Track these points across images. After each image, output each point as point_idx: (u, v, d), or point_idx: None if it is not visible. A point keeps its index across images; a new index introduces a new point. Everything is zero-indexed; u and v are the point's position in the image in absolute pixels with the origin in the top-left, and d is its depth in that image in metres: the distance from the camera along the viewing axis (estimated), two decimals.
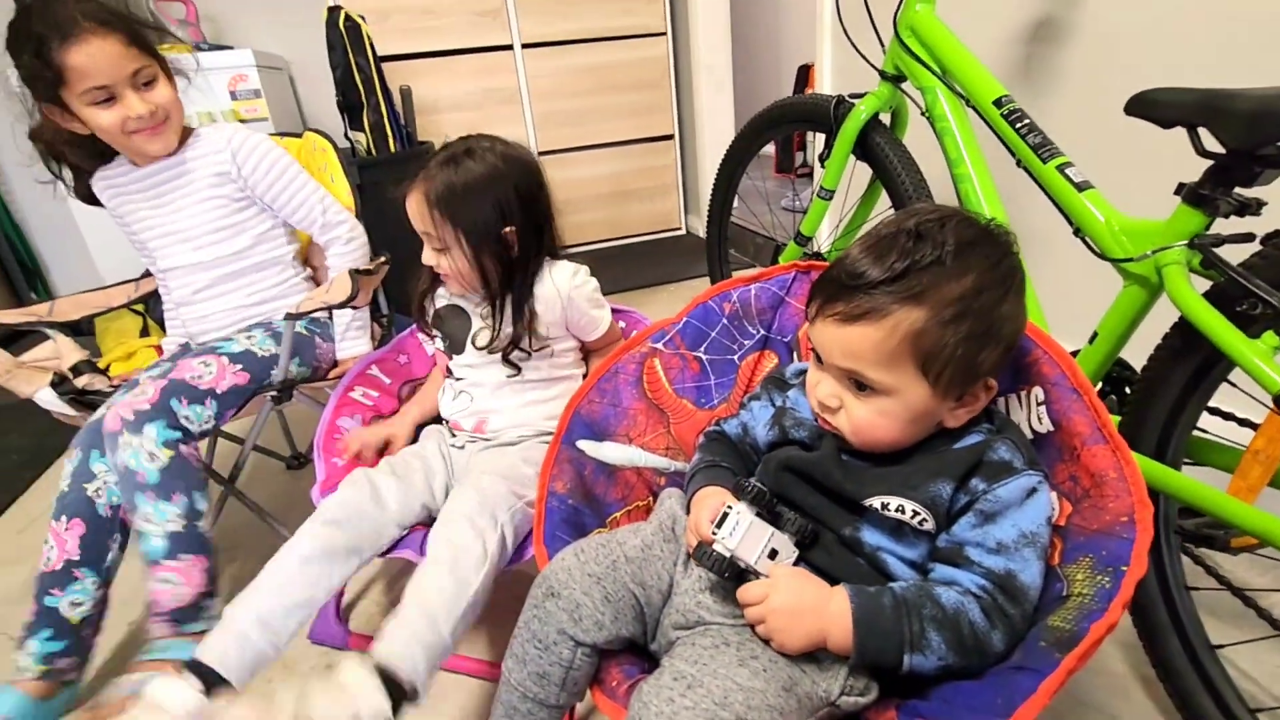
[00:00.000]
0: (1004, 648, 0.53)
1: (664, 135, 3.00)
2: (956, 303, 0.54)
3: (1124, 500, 0.55)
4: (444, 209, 0.87)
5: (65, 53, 0.91)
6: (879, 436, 0.58)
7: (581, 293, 0.98)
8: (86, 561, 0.91)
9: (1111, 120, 0.93)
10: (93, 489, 0.93)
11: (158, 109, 1.01)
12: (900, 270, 0.54)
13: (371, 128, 2.11)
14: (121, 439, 0.88)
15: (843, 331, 0.56)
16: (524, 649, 0.62)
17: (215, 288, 1.14)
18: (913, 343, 0.54)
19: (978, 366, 0.56)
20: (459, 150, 0.90)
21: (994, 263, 0.56)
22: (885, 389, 0.56)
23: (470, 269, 0.91)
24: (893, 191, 1.15)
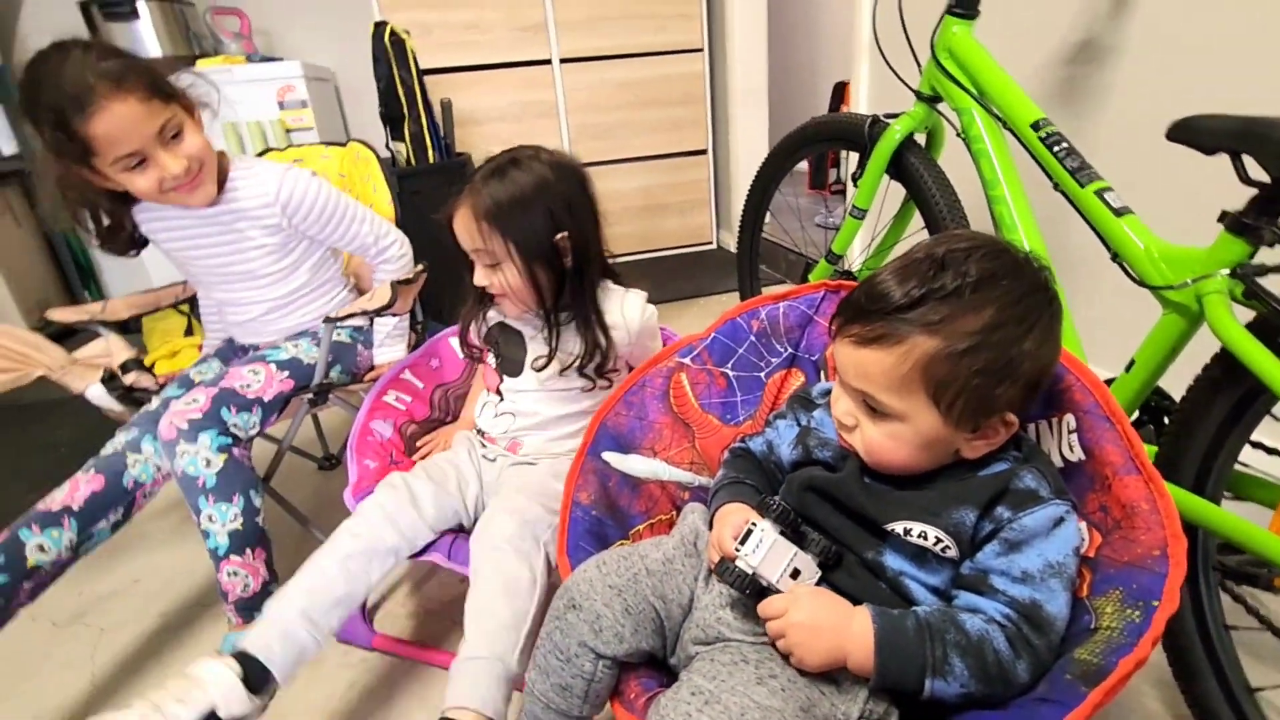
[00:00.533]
0: (1029, 679, 0.52)
1: (698, 150, 3.02)
2: (972, 335, 0.53)
3: (1156, 533, 0.54)
4: (493, 222, 0.85)
5: (87, 124, 0.87)
6: (889, 459, 0.58)
7: (649, 325, 0.98)
8: (80, 516, 0.92)
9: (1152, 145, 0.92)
10: (133, 459, 0.97)
11: (191, 162, 0.97)
12: (917, 297, 0.54)
13: (412, 138, 2.17)
14: (179, 448, 0.92)
15: (857, 354, 0.57)
16: (546, 660, 0.62)
17: (270, 315, 1.15)
18: (923, 371, 0.54)
19: (993, 401, 0.55)
20: (504, 162, 0.88)
21: (1016, 298, 0.55)
22: (895, 414, 0.56)
23: (524, 282, 0.88)
24: (926, 212, 1.14)
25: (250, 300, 1.14)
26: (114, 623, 1.15)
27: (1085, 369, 0.64)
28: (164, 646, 1.10)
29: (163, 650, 1.09)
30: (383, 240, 1.18)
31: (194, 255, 1.11)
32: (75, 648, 1.10)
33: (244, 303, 1.14)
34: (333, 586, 0.79)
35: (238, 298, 1.14)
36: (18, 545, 0.87)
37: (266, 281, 1.12)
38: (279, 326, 1.16)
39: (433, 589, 1.18)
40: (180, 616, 1.16)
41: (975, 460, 0.58)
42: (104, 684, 1.03)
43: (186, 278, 1.22)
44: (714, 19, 2.83)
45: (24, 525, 0.89)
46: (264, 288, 1.13)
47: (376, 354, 1.23)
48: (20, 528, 0.89)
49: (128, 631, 1.13)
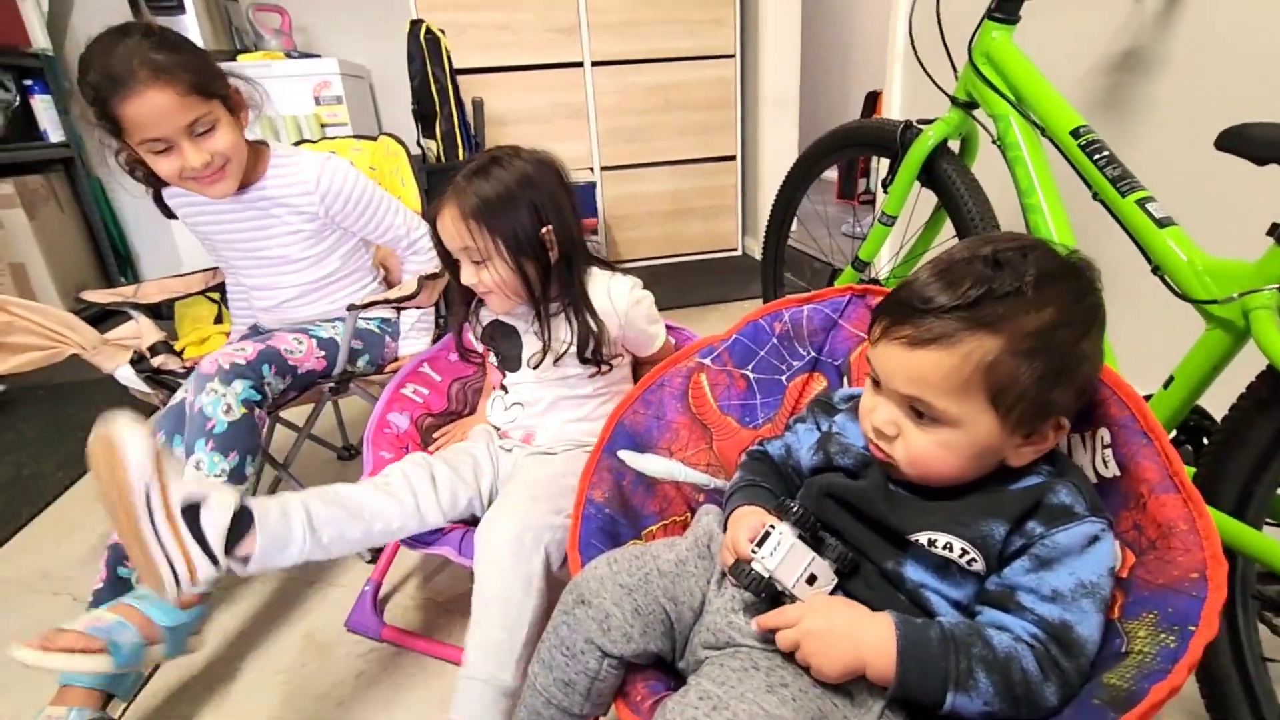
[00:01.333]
0: (1056, 703, 0.49)
1: (726, 156, 3.01)
2: (1034, 336, 0.51)
3: (1195, 555, 0.51)
4: (480, 219, 0.87)
5: (120, 105, 0.91)
6: (937, 469, 0.55)
7: (639, 309, 0.98)
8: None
9: (1200, 155, 0.88)
10: None
11: (214, 158, 0.99)
12: (975, 297, 0.52)
13: (443, 136, 2.19)
14: (211, 384, 0.92)
15: (910, 356, 0.54)
16: (551, 655, 0.61)
17: (298, 300, 1.17)
18: (986, 373, 0.51)
19: (1051, 404, 0.53)
20: (485, 161, 0.90)
21: (1077, 297, 0.53)
22: (950, 420, 0.53)
23: (513, 276, 0.89)
24: (957, 220, 1.12)
25: (279, 285, 1.16)
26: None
27: (1122, 382, 0.61)
28: None
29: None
30: (415, 233, 1.20)
31: (223, 238, 1.13)
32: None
33: (272, 287, 1.16)
34: (342, 503, 0.81)
35: (267, 282, 1.16)
36: (125, 584, 0.92)
37: (298, 267, 1.14)
38: (306, 313, 1.17)
39: (443, 582, 1.18)
40: None
41: (1010, 473, 0.56)
42: None
43: (215, 260, 1.24)
44: (747, 25, 2.82)
45: (116, 563, 0.93)
46: (294, 273, 1.15)
47: (402, 346, 1.24)
48: (116, 567, 0.93)
49: None
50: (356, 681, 0.99)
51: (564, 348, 0.94)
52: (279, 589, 1.17)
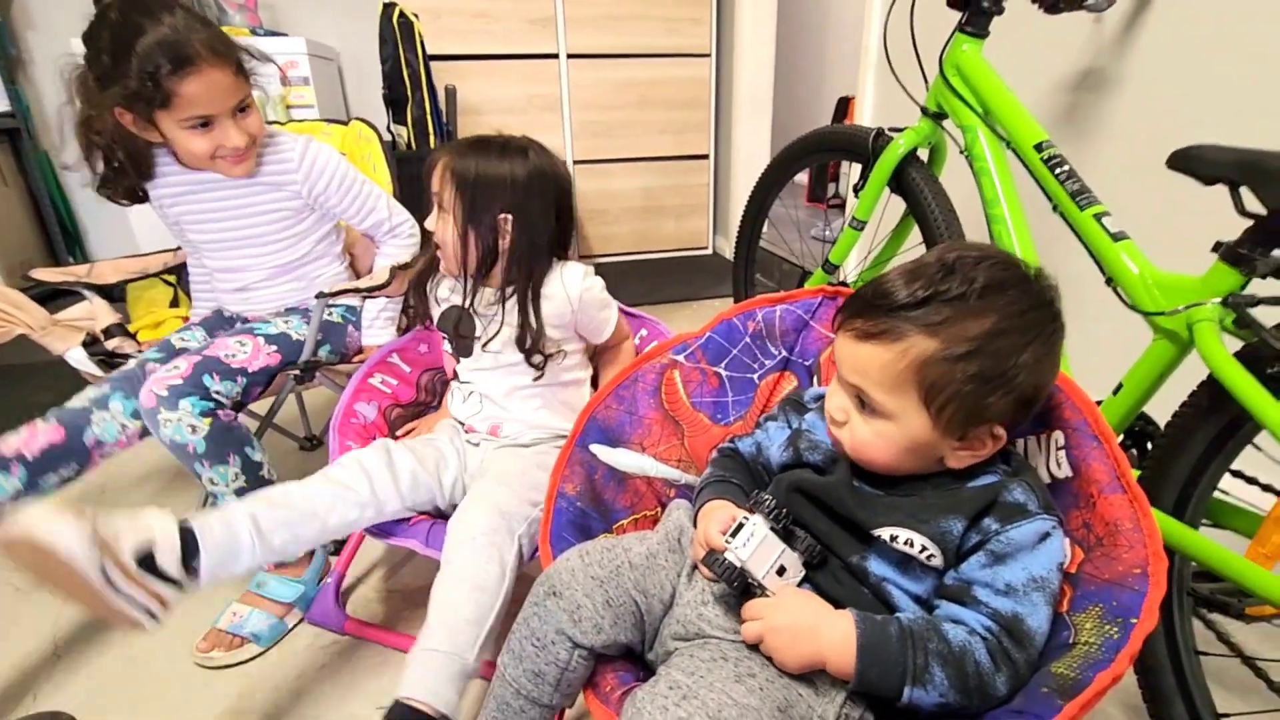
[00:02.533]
0: (1007, 691, 0.52)
1: (699, 155, 3.03)
2: (971, 341, 0.53)
3: (1138, 551, 0.55)
4: (456, 165, 0.89)
5: (180, 81, 0.91)
6: (874, 457, 0.59)
7: (591, 295, 0.98)
8: (32, 465, 0.88)
9: (1152, 173, 0.93)
10: (98, 416, 0.95)
11: (251, 138, 1.01)
12: (922, 298, 0.54)
13: (414, 123, 2.16)
14: (160, 416, 0.90)
15: (856, 348, 0.58)
16: (521, 645, 0.62)
17: (266, 282, 1.15)
18: (918, 371, 0.54)
19: (984, 410, 0.55)
20: (498, 140, 0.93)
21: (1020, 310, 0.55)
22: (886, 412, 0.57)
23: (455, 240, 0.90)
24: (925, 227, 1.15)
25: (247, 266, 1.13)
26: None
27: (1076, 388, 0.64)
28: None
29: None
30: (396, 217, 1.20)
31: (200, 220, 1.10)
32: (36, 613, 1.08)
33: (241, 269, 1.14)
34: (291, 504, 0.79)
35: (234, 264, 1.14)
36: None
37: (273, 248, 1.13)
38: (271, 293, 1.16)
39: (407, 575, 1.17)
40: None
41: (965, 471, 0.58)
42: (67, 651, 1.01)
43: (180, 242, 1.21)
44: (723, 25, 2.84)
45: None
46: (265, 255, 1.13)
47: (365, 336, 1.22)
48: None
49: None
50: (318, 674, 0.97)
51: (504, 331, 0.94)
52: (237, 582, 1.14)
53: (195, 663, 0.98)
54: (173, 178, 1.07)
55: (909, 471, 0.59)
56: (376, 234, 1.20)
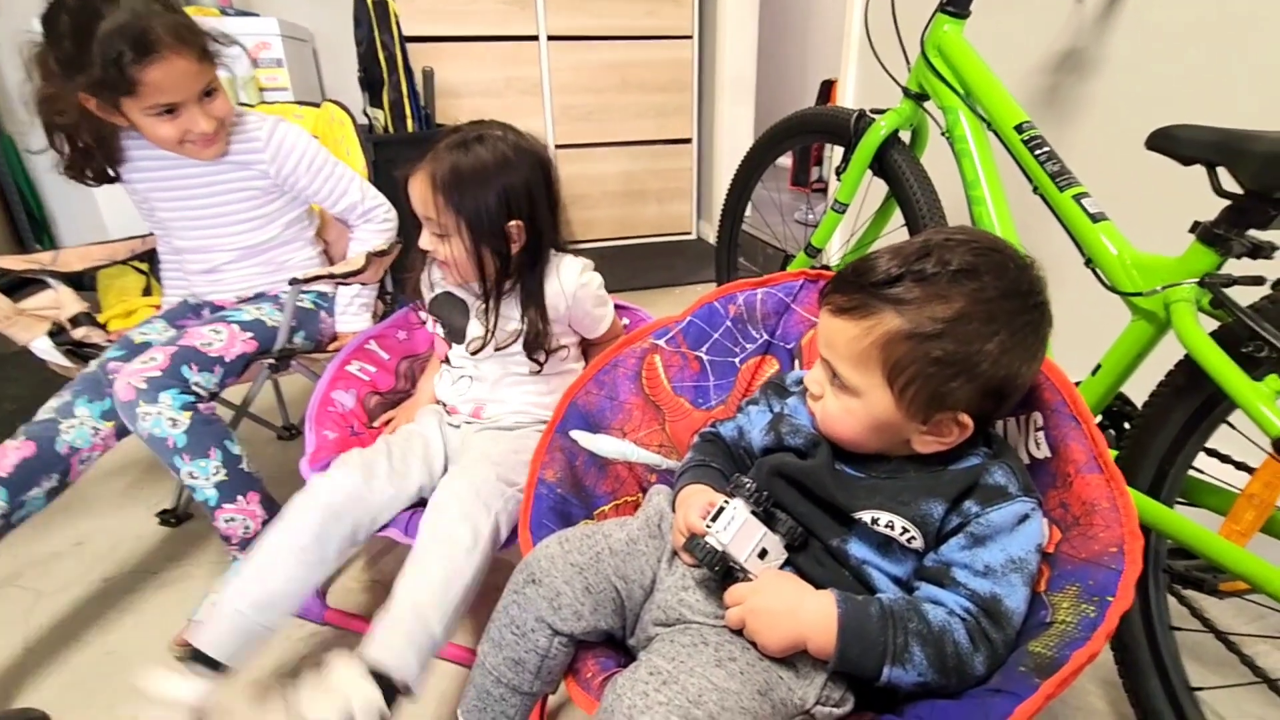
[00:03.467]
0: (984, 670, 0.52)
1: (682, 139, 3.00)
2: (937, 322, 0.53)
3: (1114, 530, 0.55)
4: (448, 194, 0.84)
5: (144, 69, 0.89)
6: (839, 432, 0.60)
7: (587, 291, 0.97)
8: (10, 482, 0.86)
9: (1131, 154, 0.92)
10: (66, 424, 0.92)
11: (219, 123, 1.00)
12: (894, 275, 0.55)
13: (391, 106, 2.11)
14: (139, 409, 0.88)
15: (830, 322, 0.59)
16: (501, 634, 0.61)
17: (234, 264, 1.13)
18: (882, 348, 0.55)
19: (946, 395, 0.54)
20: (471, 135, 0.87)
21: (992, 297, 0.54)
22: (853, 388, 0.57)
23: (468, 260, 0.87)
24: (907, 209, 1.15)
25: (217, 247, 1.11)
26: (54, 586, 1.11)
27: (1055, 368, 0.64)
28: (107, 611, 1.06)
29: (105, 616, 1.06)
30: (370, 200, 1.17)
31: (169, 196, 1.08)
32: (7, 610, 1.06)
33: (210, 250, 1.12)
34: (286, 575, 0.75)
35: (204, 244, 1.11)
36: None
37: (242, 228, 1.11)
38: (240, 275, 1.14)
39: (388, 564, 1.16)
40: (125, 582, 1.12)
41: (946, 454, 0.58)
42: (38, 647, 1.00)
43: (149, 222, 1.17)
44: (705, 6, 2.81)
45: None
46: (235, 234, 1.11)
47: (339, 323, 1.20)
48: None
49: (68, 595, 1.09)
50: (299, 665, 0.96)
51: (509, 339, 0.93)
52: (213, 573, 1.13)
53: (175, 657, 0.97)
54: (140, 154, 1.05)
55: (877, 450, 0.60)
56: (350, 217, 1.18)
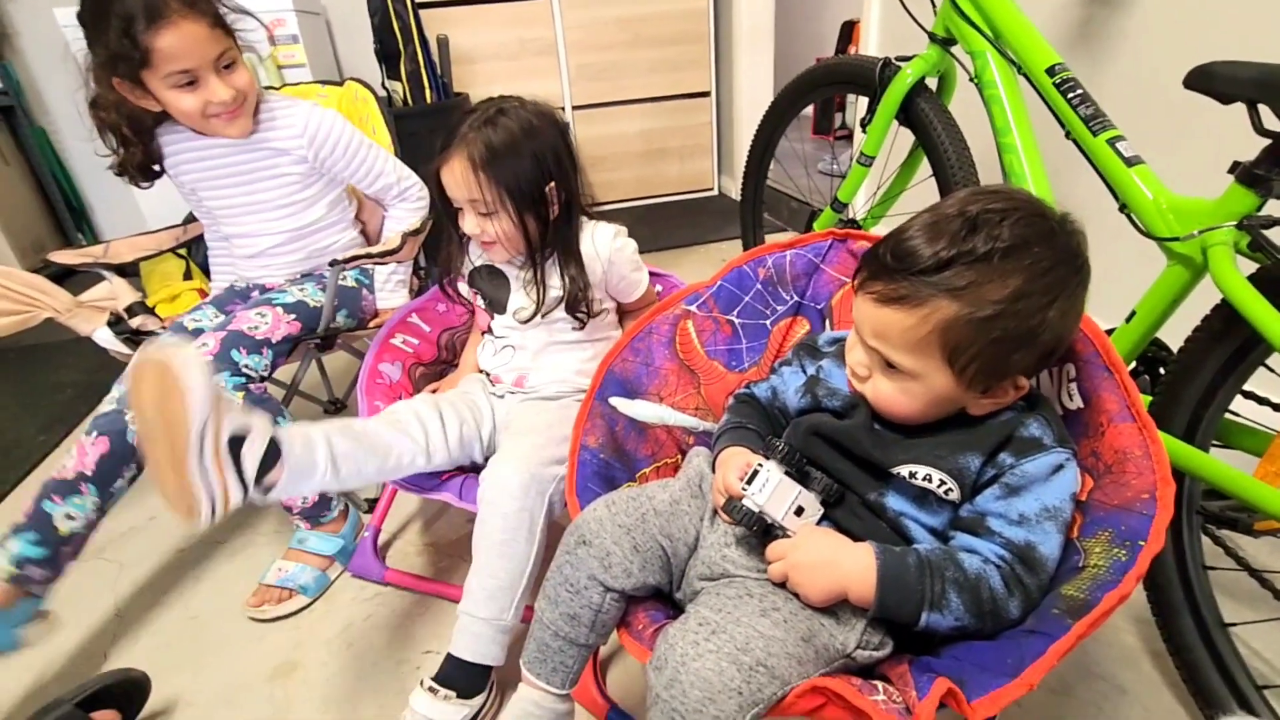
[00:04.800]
0: (1019, 614, 0.55)
1: (701, 92, 2.94)
2: (995, 303, 0.53)
3: (1147, 478, 0.56)
4: (489, 170, 0.87)
5: (154, 35, 0.91)
6: (897, 411, 0.60)
7: (622, 255, 0.99)
8: (97, 480, 0.92)
9: (1168, 93, 0.90)
10: (130, 417, 0.97)
11: (238, 93, 1.02)
12: (945, 260, 0.53)
13: (408, 77, 2.11)
14: None
15: (877, 312, 0.57)
16: (556, 592, 0.65)
17: (282, 247, 1.17)
18: (941, 334, 0.54)
19: (1008, 366, 0.56)
20: (491, 111, 0.89)
21: (1046, 268, 0.54)
22: (909, 372, 0.57)
23: (515, 230, 0.90)
24: (935, 160, 1.13)
25: (264, 231, 1.15)
26: (134, 558, 1.19)
27: (1088, 320, 0.64)
28: (184, 579, 1.14)
29: (183, 582, 1.14)
30: (405, 181, 1.19)
31: (214, 185, 1.12)
32: (96, 582, 1.14)
33: (257, 234, 1.16)
34: (360, 437, 0.80)
35: (251, 230, 1.16)
36: (46, 519, 0.90)
37: (285, 212, 1.15)
38: (288, 259, 1.18)
39: (441, 528, 1.22)
40: (197, 551, 1.20)
41: None
42: (128, 614, 1.08)
43: (197, 212, 1.23)
44: None
45: (45, 498, 0.90)
46: (280, 219, 1.15)
47: (379, 300, 1.24)
48: (43, 501, 0.90)
49: (147, 565, 1.17)
50: (364, 624, 1.03)
51: (554, 305, 0.96)
52: (276, 541, 1.20)
53: (249, 617, 1.04)
54: (182, 144, 1.09)
55: (932, 420, 0.60)
56: (385, 198, 1.20)
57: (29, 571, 0.87)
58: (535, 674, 0.68)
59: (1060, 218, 0.57)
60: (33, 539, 0.88)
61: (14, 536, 0.88)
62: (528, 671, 0.68)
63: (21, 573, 0.87)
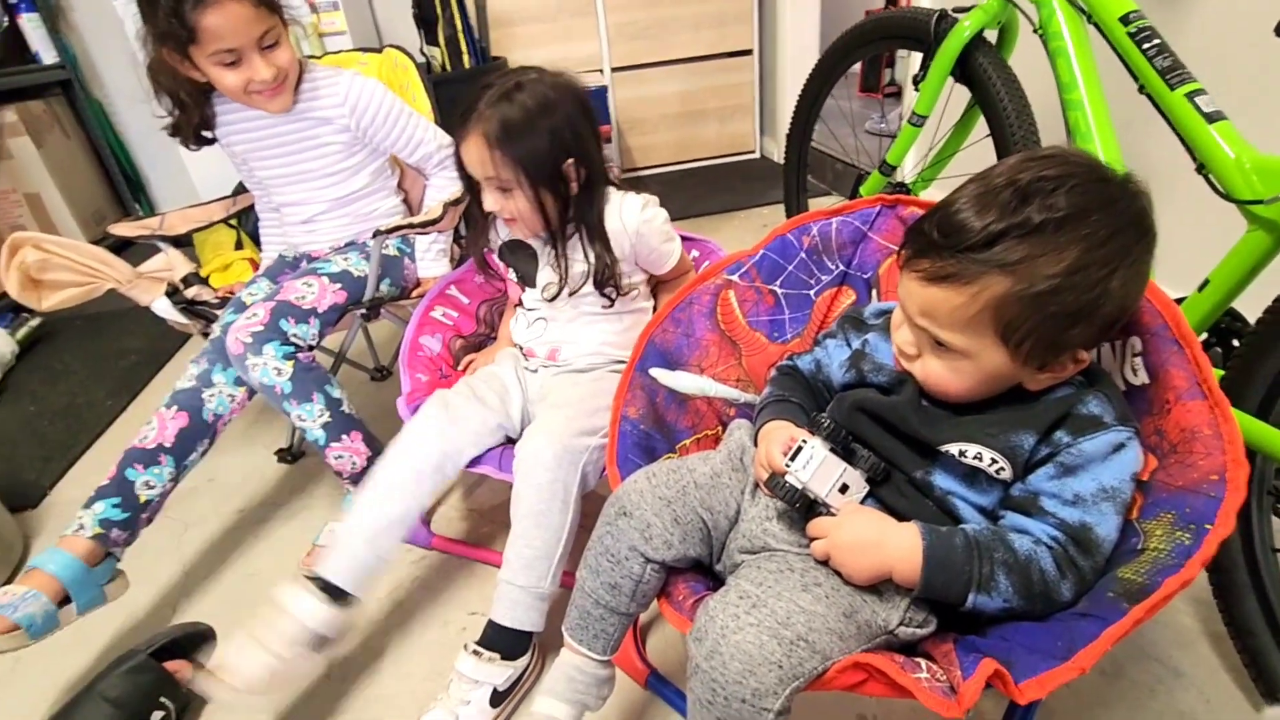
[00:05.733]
0: (1071, 596, 0.53)
1: (743, 50, 2.84)
2: (1051, 278, 0.50)
3: (1216, 458, 0.53)
4: (503, 148, 0.85)
5: (200, 14, 0.93)
6: (949, 390, 0.58)
7: (651, 226, 0.97)
8: (175, 452, 0.99)
9: (1257, 42, 0.83)
10: (208, 394, 1.03)
11: (279, 71, 1.03)
12: (996, 234, 0.50)
13: (446, 42, 2.10)
14: (248, 360, 0.97)
15: (924, 290, 0.55)
16: (598, 561, 0.66)
17: (328, 215, 1.20)
18: (994, 312, 0.52)
19: (1065, 340, 0.53)
20: (509, 85, 0.87)
21: (1105, 236, 0.50)
22: (960, 350, 0.55)
23: (532, 209, 0.89)
24: (992, 119, 1.07)
25: (310, 200, 1.19)
26: (196, 518, 1.25)
27: (1156, 290, 0.61)
28: (244, 539, 1.20)
29: (243, 542, 1.19)
30: (445, 149, 1.20)
31: (262, 155, 1.15)
32: (163, 540, 1.20)
33: (305, 202, 1.19)
34: (387, 510, 0.86)
35: (300, 199, 1.19)
36: (128, 485, 0.96)
37: (331, 181, 1.17)
38: (334, 225, 1.21)
39: (483, 495, 1.25)
40: (256, 514, 1.25)
41: None
42: (194, 571, 1.14)
43: (247, 182, 1.26)
44: None
45: (128, 465, 0.96)
46: (326, 188, 1.18)
47: (420, 269, 1.25)
48: (126, 468, 0.96)
49: (209, 526, 1.23)
50: (412, 585, 1.07)
51: (580, 281, 0.95)
52: (330, 504, 1.24)
53: (303, 575, 1.09)
54: (233, 114, 1.12)
55: (986, 397, 0.58)
56: (426, 166, 1.21)
57: (111, 534, 0.93)
58: (577, 640, 0.69)
59: (1122, 180, 0.53)
60: (115, 503, 0.94)
61: (99, 499, 0.94)
62: (570, 637, 0.70)
63: (105, 533, 0.92)
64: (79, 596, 0.87)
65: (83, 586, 0.88)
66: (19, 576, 0.86)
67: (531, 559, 0.82)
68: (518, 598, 0.83)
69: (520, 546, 0.83)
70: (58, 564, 0.87)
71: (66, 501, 1.35)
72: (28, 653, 1.00)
